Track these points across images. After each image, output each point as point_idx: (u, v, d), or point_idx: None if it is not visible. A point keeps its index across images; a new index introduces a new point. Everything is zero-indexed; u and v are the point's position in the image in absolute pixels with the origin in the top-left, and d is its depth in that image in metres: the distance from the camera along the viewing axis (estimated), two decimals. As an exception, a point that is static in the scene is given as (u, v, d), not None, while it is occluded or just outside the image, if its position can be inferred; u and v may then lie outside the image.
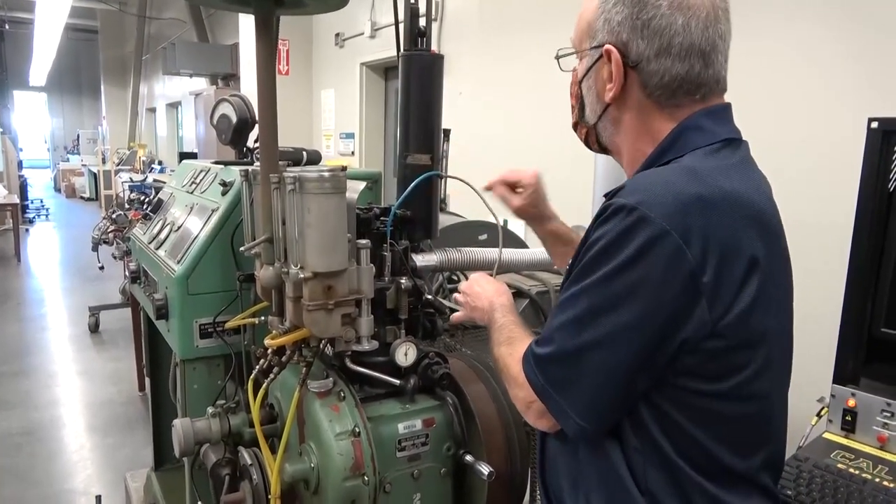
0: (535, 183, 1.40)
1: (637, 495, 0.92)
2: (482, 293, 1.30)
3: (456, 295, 1.40)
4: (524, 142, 4.09)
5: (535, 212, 1.41)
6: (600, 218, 0.90)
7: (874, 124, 1.51)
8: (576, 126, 1.12)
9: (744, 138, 1.00)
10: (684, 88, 0.95)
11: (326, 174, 1.23)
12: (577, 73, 1.08)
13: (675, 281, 0.83)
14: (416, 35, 1.57)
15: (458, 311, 1.39)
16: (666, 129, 0.97)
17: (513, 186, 1.41)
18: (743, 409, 0.92)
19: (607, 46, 0.97)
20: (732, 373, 0.89)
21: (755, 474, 0.95)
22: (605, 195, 1.01)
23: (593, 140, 1.10)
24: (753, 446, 0.95)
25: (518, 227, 2.13)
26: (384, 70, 6.12)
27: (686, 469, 0.90)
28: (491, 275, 1.44)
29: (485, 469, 1.37)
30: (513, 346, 1.10)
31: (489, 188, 1.42)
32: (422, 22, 1.58)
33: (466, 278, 1.42)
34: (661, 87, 0.95)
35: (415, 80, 1.57)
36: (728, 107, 1.00)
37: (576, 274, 0.92)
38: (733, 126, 1.00)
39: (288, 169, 1.39)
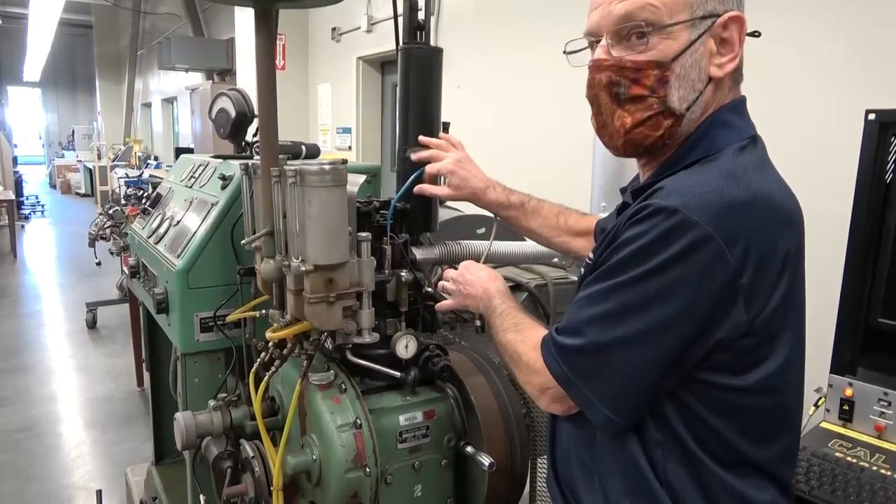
0: (452, 168, 1.44)
1: (656, 485, 0.93)
2: (475, 280, 1.30)
3: (443, 283, 1.40)
4: (522, 134, 4.10)
5: (468, 192, 1.45)
6: (635, 217, 0.88)
7: (871, 116, 1.52)
8: (643, 122, 0.93)
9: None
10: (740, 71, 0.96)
11: (328, 167, 1.23)
12: (647, 53, 0.91)
13: (714, 284, 0.83)
14: (414, 28, 1.57)
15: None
16: None
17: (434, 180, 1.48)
18: (766, 401, 0.92)
19: (735, 12, 0.91)
20: (758, 366, 0.89)
21: (773, 464, 0.95)
22: (633, 192, 1.00)
23: (676, 132, 0.94)
24: (772, 436, 0.95)
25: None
26: (381, 64, 6.11)
27: (706, 461, 0.91)
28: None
29: (486, 460, 1.38)
30: (522, 332, 1.10)
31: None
32: (420, 15, 1.58)
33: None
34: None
35: (414, 74, 1.56)
36: (745, 100, 0.99)
37: (605, 270, 0.91)
38: (751, 121, 0.98)
39: (288, 162, 1.40)
